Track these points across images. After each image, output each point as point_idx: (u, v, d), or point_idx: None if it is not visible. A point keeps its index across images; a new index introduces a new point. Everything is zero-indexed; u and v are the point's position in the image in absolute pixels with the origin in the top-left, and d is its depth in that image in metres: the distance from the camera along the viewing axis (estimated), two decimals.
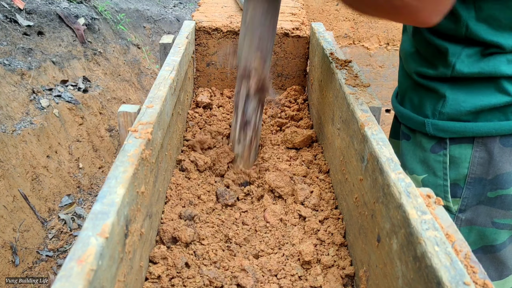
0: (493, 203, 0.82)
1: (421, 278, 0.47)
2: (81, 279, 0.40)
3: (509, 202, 0.81)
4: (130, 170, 0.57)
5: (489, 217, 0.83)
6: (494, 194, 0.81)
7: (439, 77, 0.81)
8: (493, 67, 0.75)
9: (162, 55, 1.19)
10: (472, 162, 0.80)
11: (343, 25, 3.73)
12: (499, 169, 0.79)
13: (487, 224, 0.84)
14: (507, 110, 0.77)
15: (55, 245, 1.89)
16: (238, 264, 0.76)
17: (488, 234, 0.84)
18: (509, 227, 0.84)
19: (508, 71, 0.74)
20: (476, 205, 0.83)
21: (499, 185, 0.80)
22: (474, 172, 0.81)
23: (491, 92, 0.77)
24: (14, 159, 1.88)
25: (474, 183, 0.82)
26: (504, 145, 0.78)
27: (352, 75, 0.96)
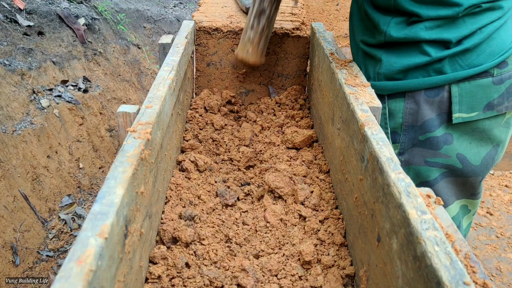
0: (424, 145, 0.99)
1: (421, 277, 0.47)
2: (81, 280, 0.40)
3: (436, 142, 0.98)
4: (129, 171, 0.57)
5: (422, 157, 1.00)
6: (423, 137, 0.98)
7: (377, 44, 1.00)
8: (415, 32, 0.92)
9: (161, 55, 1.19)
10: (405, 112, 0.98)
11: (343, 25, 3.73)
12: (425, 116, 0.96)
13: (420, 163, 1.01)
14: (429, 68, 0.94)
15: (56, 245, 1.89)
16: (239, 264, 0.76)
17: (422, 171, 1.01)
18: (439, 165, 1.00)
19: (426, 36, 0.92)
20: (411, 148, 1.00)
21: (426, 129, 0.97)
22: (407, 120, 0.98)
23: (415, 53, 0.94)
24: (14, 159, 1.88)
25: (408, 129, 0.99)
26: (428, 96, 0.95)
27: (352, 75, 0.96)
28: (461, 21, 0.91)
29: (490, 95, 0.94)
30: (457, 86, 0.93)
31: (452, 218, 1.05)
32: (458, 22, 0.91)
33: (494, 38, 0.92)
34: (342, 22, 3.70)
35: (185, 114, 1.23)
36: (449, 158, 0.99)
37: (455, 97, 0.94)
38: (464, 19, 0.91)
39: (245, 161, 1.11)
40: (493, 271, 1.96)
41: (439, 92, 0.94)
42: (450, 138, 0.98)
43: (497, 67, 0.93)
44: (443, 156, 0.99)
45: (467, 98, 0.94)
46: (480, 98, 0.94)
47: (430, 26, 0.91)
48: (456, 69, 0.93)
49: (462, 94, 0.94)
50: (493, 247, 2.10)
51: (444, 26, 0.91)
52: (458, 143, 0.98)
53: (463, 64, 0.92)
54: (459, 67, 0.93)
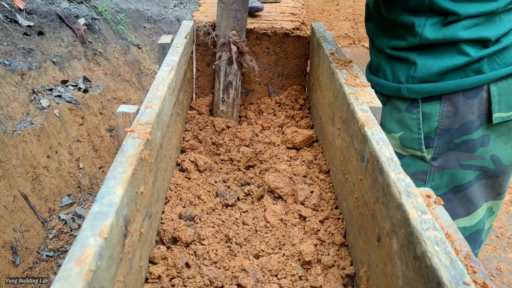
0: (459, 148, 0.96)
1: (421, 277, 0.47)
2: (80, 280, 0.40)
3: (473, 145, 0.95)
4: (129, 171, 0.57)
5: (457, 161, 0.97)
6: (460, 140, 0.95)
7: (409, 47, 0.96)
8: (453, 33, 0.89)
9: (161, 55, 1.19)
10: (441, 115, 0.94)
11: (343, 25, 3.73)
12: (463, 118, 0.93)
13: (455, 167, 0.98)
14: (467, 69, 0.91)
15: (56, 245, 1.89)
16: (239, 264, 0.76)
17: (457, 175, 0.99)
18: (473, 168, 0.98)
19: (465, 35, 0.89)
20: (446, 152, 0.97)
21: (464, 131, 0.94)
22: (443, 124, 0.95)
23: (453, 54, 0.91)
24: (14, 159, 1.88)
25: (443, 133, 0.95)
26: (466, 97, 0.92)
27: (353, 75, 0.96)
28: (498, 18, 0.89)
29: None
30: (495, 85, 0.91)
31: (479, 220, 1.03)
32: (495, 19, 0.89)
33: None
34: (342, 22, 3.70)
35: (185, 114, 1.23)
36: (483, 160, 0.96)
37: (494, 97, 0.91)
38: (500, 17, 0.89)
39: (245, 161, 1.11)
40: (493, 271, 1.96)
41: (478, 93, 0.91)
42: (487, 139, 0.95)
43: None
44: (478, 158, 0.96)
45: (506, 97, 0.92)
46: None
47: (468, 25, 0.89)
48: (494, 68, 0.91)
49: (501, 93, 0.91)
50: (493, 247, 2.10)
51: (482, 24, 0.89)
52: (493, 145, 0.96)
53: (500, 63, 0.91)
54: (497, 66, 0.91)
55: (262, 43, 1.39)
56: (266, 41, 1.39)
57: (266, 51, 1.40)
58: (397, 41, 0.98)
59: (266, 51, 1.40)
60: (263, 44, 1.39)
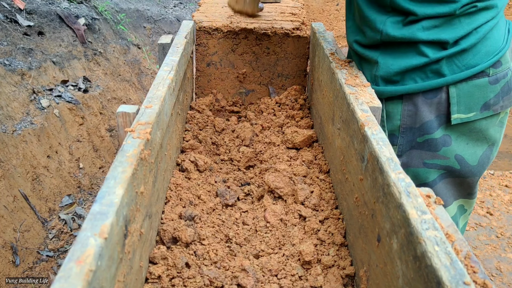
0: (422, 147, 0.99)
1: (421, 277, 0.47)
2: (80, 280, 0.40)
3: (435, 144, 0.97)
4: (129, 171, 0.57)
5: (420, 159, 1.00)
6: (422, 139, 0.98)
7: (372, 45, 0.99)
8: (412, 33, 0.91)
9: (161, 55, 1.19)
10: (403, 114, 0.97)
11: (343, 25, 3.72)
12: (423, 118, 0.96)
13: (419, 165, 1.00)
14: (426, 69, 0.93)
15: (56, 245, 1.89)
16: (239, 264, 0.76)
17: (421, 173, 1.01)
18: (437, 167, 1.00)
19: (423, 36, 0.91)
20: (409, 150, 1.00)
21: (425, 131, 0.97)
22: (405, 122, 0.97)
23: (413, 54, 0.93)
24: (14, 159, 1.88)
25: (406, 131, 0.98)
26: (426, 98, 0.95)
27: (353, 75, 0.96)
28: (457, 21, 0.90)
29: (486, 95, 0.94)
30: (455, 87, 0.93)
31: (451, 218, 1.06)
32: (454, 22, 0.91)
33: (488, 38, 0.93)
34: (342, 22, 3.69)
35: (185, 114, 1.23)
36: (447, 159, 0.99)
37: (453, 98, 0.93)
38: (460, 19, 0.90)
39: (245, 161, 1.11)
40: (493, 271, 1.96)
41: (437, 94, 0.94)
42: (448, 139, 0.98)
43: (493, 67, 0.93)
44: (442, 157, 0.99)
45: (465, 98, 0.94)
46: (477, 98, 0.94)
47: (427, 26, 0.91)
48: (453, 70, 0.93)
49: (460, 94, 0.93)
50: (493, 247, 2.10)
51: (441, 26, 0.91)
52: (456, 144, 0.98)
53: (460, 65, 0.92)
54: (457, 68, 0.93)
55: (262, 43, 1.39)
56: (266, 41, 1.39)
57: (266, 51, 1.40)
58: (362, 37, 1.01)
59: (266, 51, 1.40)
60: (263, 44, 1.39)
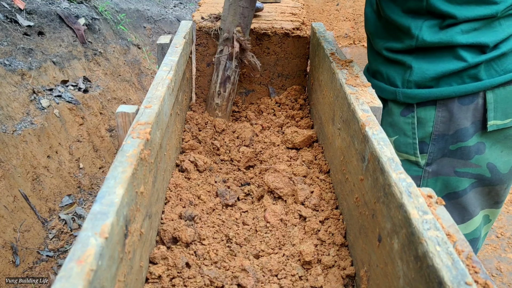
0: (454, 155, 0.95)
1: (422, 278, 0.47)
2: (81, 280, 0.40)
3: (468, 152, 0.94)
4: (129, 171, 0.57)
5: (452, 167, 0.96)
6: (455, 146, 0.94)
7: (405, 50, 0.94)
8: (450, 36, 0.87)
9: (160, 56, 1.19)
10: (436, 121, 0.93)
11: (343, 25, 3.73)
12: (458, 124, 0.92)
13: (450, 173, 0.97)
14: (463, 74, 0.89)
15: (56, 245, 1.89)
16: (239, 264, 0.76)
17: (452, 182, 0.97)
18: (469, 175, 0.96)
19: (462, 40, 0.87)
20: (440, 158, 0.96)
21: (459, 138, 0.93)
22: (438, 129, 0.93)
23: (450, 59, 0.89)
24: (14, 159, 1.88)
25: (438, 139, 0.94)
26: (461, 104, 0.91)
27: (353, 75, 0.96)
28: (498, 24, 0.86)
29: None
30: (492, 93, 0.89)
31: (475, 229, 1.02)
32: (495, 25, 0.86)
33: None
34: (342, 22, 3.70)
35: (184, 115, 1.23)
36: (479, 167, 0.95)
37: (490, 104, 0.89)
38: (501, 22, 0.86)
39: (245, 161, 1.11)
40: (494, 271, 1.96)
41: (474, 99, 0.90)
42: (482, 147, 0.93)
43: None
44: (474, 166, 0.94)
45: (502, 104, 0.90)
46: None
47: (466, 29, 0.86)
48: (491, 75, 0.89)
49: (497, 100, 0.89)
50: (493, 247, 2.10)
51: (481, 29, 0.86)
52: (489, 152, 0.94)
53: (498, 69, 0.88)
54: (495, 73, 0.88)
55: (262, 43, 1.39)
56: (266, 41, 1.38)
57: (266, 51, 1.40)
58: (394, 43, 0.96)
59: (266, 51, 1.40)
60: (263, 44, 1.39)
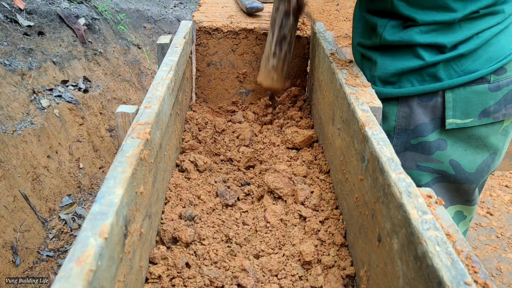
0: (416, 149, 0.99)
1: (422, 278, 0.47)
2: (81, 280, 0.40)
3: (429, 147, 0.97)
4: (128, 171, 0.57)
5: (414, 161, 1.00)
6: (416, 141, 0.98)
7: (372, 46, 1.01)
8: (409, 36, 0.92)
9: (160, 56, 1.19)
10: (398, 116, 0.98)
11: (343, 25, 3.73)
12: (418, 120, 0.96)
13: (412, 167, 1.01)
14: (423, 72, 0.93)
15: (56, 245, 1.89)
16: (239, 264, 0.76)
17: (414, 176, 1.01)
18: (430, 170, 1.00)
19: (421, 39, 0.91)
20: (403, 151, 1.01)
21: (419, 133, 0.97)
22: (400, 124, 0.99)
23: (410, 57, 0.94)
24: (14, 159, 1.88)
25: (400, 133, 0.99)
26: (421, 101, 0.95)
27: (353, 75, 0.96)
28: (457, 26, 0.89)
29: (486, 102, 0.92)
30: (451, 92, 0.92)
31: None
32: (454, 27, 0.89)
33: (492, 43, 0.90)
34: (342, 22, 3.70)
35: (184, 115, 1.23)
36: (441, 164, 0.98)
37: (449, 103, 0.92)
38: (461, 24, 0.89)
39: (245, 161, 1.11)
40: (493, 271, 1.96)
41: (433, 97, 0.93)
42: (443, 143, 0.97)
43: (494, 74, 0.91)
44: (435, 161, 0.98)
45: (462, 104, 0.92)
46: (475, 105, 0.92)
47: (425, 30, 0.91)
48: (450, 75, 0.91)
49: (456, 99, 0.92)
50: (493, 247, 2.10)
51: (439, 30, 0.90)
52: (452, 150, 0.96)
53: (458, 70, 0.91)
54: (454, 73, 0.91)
55: (262, 43, 1.39)
56: (266, 41, 1.38)
57: None
58: (365, 39, 1.03)
59: None
60: (264, 44, 1.39)
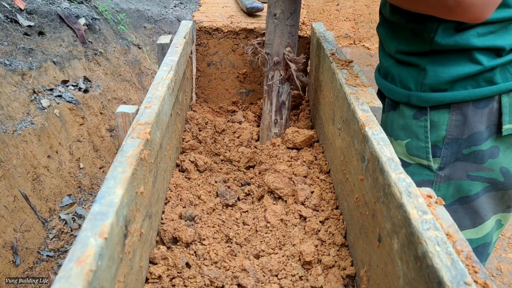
0: (467, 159, 0.93)
1: (422, 278, 0.47)
2: (81, 280, 0.40)
3: (481, 156, 0.92)
4: (128, 171, 0.57)
5: (465, 171, 0.94)
6: (468, 150, 0.92)
7: (419, 52, 0.92)
8: (466, 39, 0.85)
9: (160, 56, 1.18)
10: (449, 124, 0.91)
11: (343, 25, 3.73)
12: (472, 128, 0.90)
13: (463, 178, 0.95)
14: (478, 78, 0.88)
15: (56, 245, 1.89)
16: (239, 264, 0.76)
17: (464, 186, 0.96)
18: (481, 179, 0.95)
19: (478, 43, 0.85)
20: (453, 162, 0.95)
21: (473, 142, 0.91)
22: (451, 133, 0.92)
23: (465, 62, 0.87)
24: (15, 159, 1.88)
25: (451, 143, 0.93)
26: (476, 107, 0.89)
27: (353, 75, 0.96)
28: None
29: None
30: (507, 96, 0.88)
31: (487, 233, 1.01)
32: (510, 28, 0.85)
33: None
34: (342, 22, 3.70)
35: (185, 115, 1.23)
36: (492, 172, 0.93)
37: (506, 108, 0.88)
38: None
39: (245, 161, 1.11)
40: (494, 271, 1.96)
41: (489, 103, 0.88)
42: (496, 151, 0.92)
43: None
44: (487, 170, 0.93)
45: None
46: None
47: (482, 32, 0.85)
48: (506, 78, 0.87)
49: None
50: None
51: (497, 32, 0.85)
52: (503, 156, 0.92)
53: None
54: (510, 76, 0.87)
55: None
56: None
57: None
58: (407, 46, 0.94)
59: None
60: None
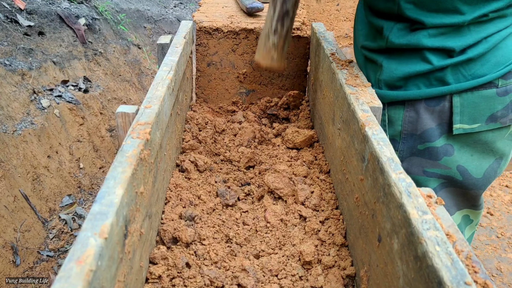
0: (423, 154, 0.97)
1: (422, 278, 0.47)
2: (81, 280, 0.40)
3: (436, 153, 0.96)
4: (128, 171, 0.57)
5: (421, 167, 0.99)
6: (423, 146, 0.97)
7: (377, 49, 0.99)
8: (417, 39, 0.90)
9: (160, 56, 1.18)
10: (404, 120, 0.96)
11: (343, 25, 3.73)
12: (425, 125, 0.94)
13: (419, 173, 0.99)
14: (430, 76, 0.92)
15: (56, 245, 1.89)
16: (239, 264, 0.76)
17: (420, 182, 0.99)
18: (437, 176, 0.98)
19: (428, 43, 0.89)
20: (410, 157, 0.99)
21: (426, 138, 0.95)
22: (406, 128, 0.96)
23: (417, 61, 0.92)
24: (15, 159, 1.88)
25: (407, 137, 0.97)
26: (428, 105, 0.93)
27: (353, 75, 0.96)
28: (466, 29, 0.87)
29: (493, 107, 0.90)
30: (459, 97, 0.90)
31: None
32: (463, 30, 0.87)
33: (500, 47, 0.88)
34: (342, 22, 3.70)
35: (185, 115, 1.23)
36: (449, 169, 0.96)
37: (457, 108, 0.91)
38: (470, 28, 0.87)
39: (245, 161, 1.11)
40: (494, 271, 1.96)
41: (440, 102, 0.91)
42: (450, 149, 0.95)
43: (502, 78, 0.89)
44: (443, 167, 0.96)
45: (469, 109, 0.90)
46: (483, 110, 0.90)
47: (433, 33, 0.88)
48: (458, 79, 0.90)
49: (464, 104, 0.90)
50: (494, 247, 2.09)
51: (448, 34, 0.88)
52: (459, 155, 0.95)
53: (466, 74, 0.89)
54: (462, 77, 0.89)
55: None
56: None
57: None
58: (370, 42, 1.01)
59: None
60: None
